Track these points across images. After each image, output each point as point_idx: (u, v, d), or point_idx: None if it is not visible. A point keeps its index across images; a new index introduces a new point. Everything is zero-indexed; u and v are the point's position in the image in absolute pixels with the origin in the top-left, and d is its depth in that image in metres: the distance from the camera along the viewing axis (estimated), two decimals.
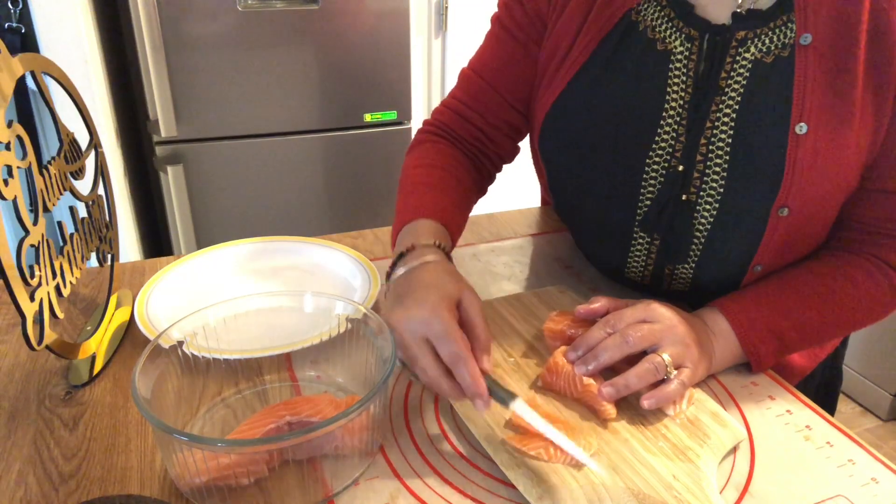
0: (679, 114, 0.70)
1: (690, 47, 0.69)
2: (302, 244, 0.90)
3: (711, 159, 0.69)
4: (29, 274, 0.56)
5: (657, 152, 0.71)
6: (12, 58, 0.57)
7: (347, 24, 1.94)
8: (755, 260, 0.72)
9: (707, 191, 0.70)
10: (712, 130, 0.68)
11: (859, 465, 0.58)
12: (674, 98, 0.70)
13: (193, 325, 0.61)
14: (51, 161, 0.65)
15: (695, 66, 0.69)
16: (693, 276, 0.76)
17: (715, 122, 0.68)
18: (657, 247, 0.76)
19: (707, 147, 0.69)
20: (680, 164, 0.70)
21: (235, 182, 2.01)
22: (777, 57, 0.66)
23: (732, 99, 0.67)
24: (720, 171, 0.68)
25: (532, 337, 0.72)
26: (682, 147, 0.70)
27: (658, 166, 0.71)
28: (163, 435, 0.49)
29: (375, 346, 0.61)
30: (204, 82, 1.86)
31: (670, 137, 0.70)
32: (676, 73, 0.69)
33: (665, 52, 0.70)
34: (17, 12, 1.56)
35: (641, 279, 0.80)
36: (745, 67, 0.67)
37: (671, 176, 0.71)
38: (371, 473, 0.56)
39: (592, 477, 0.54)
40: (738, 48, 0.67)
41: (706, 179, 0.69)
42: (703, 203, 0.70)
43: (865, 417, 2.11)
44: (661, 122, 0.70)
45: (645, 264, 0.78)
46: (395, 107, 2.10)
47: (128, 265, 0.89)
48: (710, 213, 0.71)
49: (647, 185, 0.73)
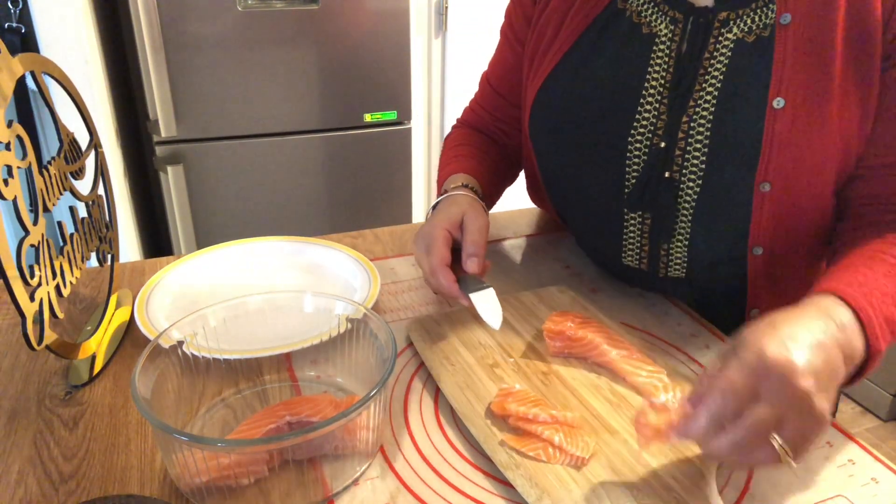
0: (660, 92, 0.72)
1: (674, 29, 0.72)
2: (302, 244, 0.90)
3: (693, 136, 0.71)
4: (29, 274, 0.56)
5: (639, 130, 0.73)
6: (12, 58, 0.57)
7: (347, 24, 1.94)
8: (751, 240, 0.73)
9: (689, 167, 0.71)
10: (694, 108, 0.70)
11: (859, 465, 0.58)
12: (654, 77, 0.72)
13: (193, 325, 0.62)
14: (51, 161, 0.65)
15: (677, 47, 0.72)
16: (689, 257, 0.77)
17: (698, 100, 0.70)
18: (648, 225, 0.77)
19: (689, 124, 0.71)
20: (662, 140, 0.72)
21: (235, 182, 2.01)
22: (758, 37, 0.68)
23: (715, 77, 0.70)
24: (701, 148, 0.70)
25: (532, 337, 0.72)
26: (663, 124, 0.72)
27: (641, 144, 0.73)
28: (163, 435, 0.49)
29: (375, 346, 0.61)
30: (204, 82, 1.86)
31: (651, 115, 0.72)
32: (659, 53, 0.72)
33: (650, 34, 0.73)
34: (17, 12, 1.56)
35: (639, 263, 0.81)
36: (727, 47, 0.69)
37: (653, 152, 0.73)
38: (371, 473, 0.56)
39: (591, 477, 0.54)
40: (720, 28, 0.70)
41: (688, 157, 0.71)
42: (687, 180, 0.72)
43: (865, 417, 2.11)
44: (642, 101, 0.73)
45: (640, 245, 0.79)
46: (395, 107, 2.10)
47: (128, 265, 0.89)
48: (693, 190, 0.72)
49: (632, 164, 0.75)
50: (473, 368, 0.67)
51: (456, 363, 0.67)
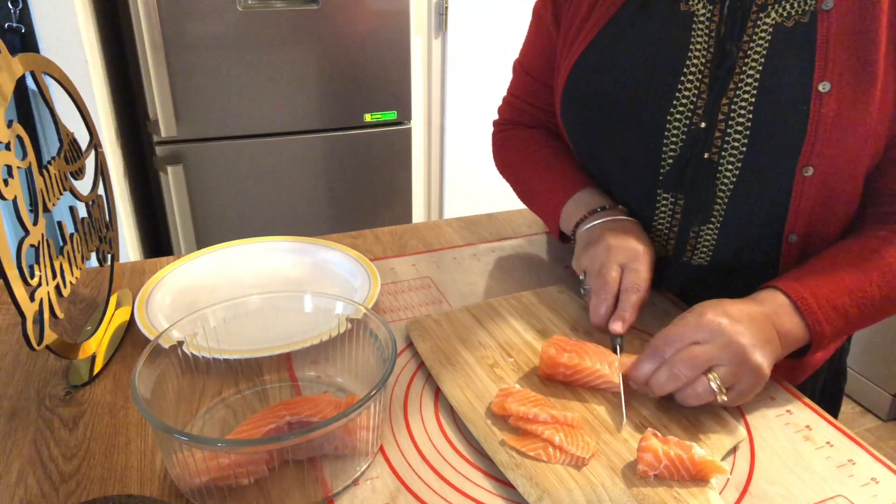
0: (700, 71, 0.71)
1: (712, 9, 0.71)
2: (302, 244, 0.90)
3: (734, 118, 0.70)
4: (29, 274, 0.56)
5: (678, 109, 0.73)
6: (12, 58, 0.57)
7: (347, 24, 1.94)
8: (788, 227, 0.72)
9: (729, 150, 0.71)
10: (735, 91, 0.70)
11: (859, 465, 0.58)
12: (695, 56, 0.72)
13: (193, 325, 0.61)
14: (51, 161, 0.65)
15: (716, 28, 0.71)
16: (718, 240, 0.76)
17: (738, 83, 0.70)
18: (681, 207, 0.76)
19: (729, 106, 0.70)
20: (702, 121, 0.71)
21: (235, 182, 2.01)
22: (797, 22, 0.68)
23: (755, 61, 0.69)
24: (742, 130, 0.70)
25: (532, 337, 0.72)
26: (703, 104, 0.71)
27: (680, 123, 0.73)
28: (163, 435, 0.49)
29: (375, 346, 0.61)
30: (204, 82, 1.86)
31: (692, 94, 0.72)
32: (699, 33, 0.72)
33: (687, 13, 0.72)
34: (17, 12, 1.56)
35: (666, 244, 0.80)
36: (766, 31, 0.69)
37: (693, 133, 0.72)
38: (371, 473, 0.56)
39: (592, 477, 0.54)
40: (758, 13, 0.69)
41: (727, 139, 0.71)
42: (726, 162, 0.71)
43: (865, 417, 2.11)
44: (682, 80, 0.72)
45: (670, 226, 0.78)
46: (395, 107, 2.10)
47: (128, 265, 0.89)
48: (732, 173, 0.71)
49: (670, 144, 0.74)
50: (473, 368, 0.67)
51: (456, 363, 0.67)
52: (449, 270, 0.89)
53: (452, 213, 2.59)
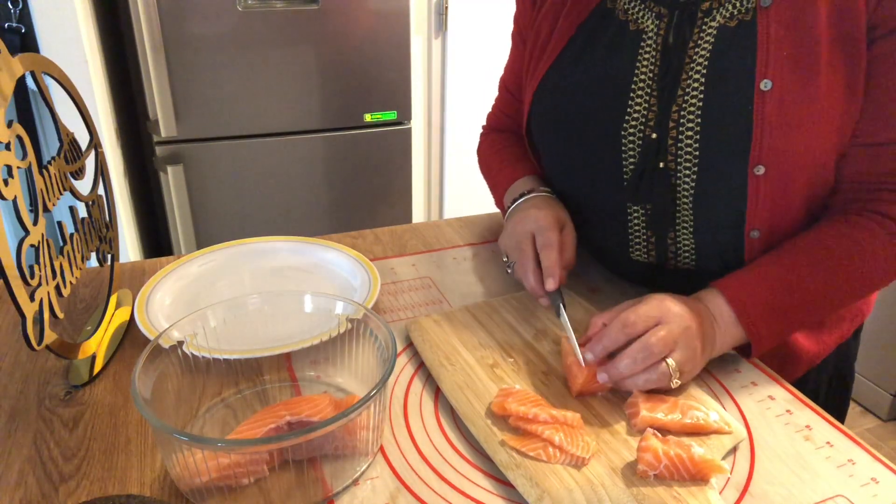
0: (649, 84, 0.73)
1: (660, 24, 0.73)
2: (302, 244, 0.90)
3: (684, 125, 0.71)
4: (29, 274, 0.56)
5: (631, 123, 0.74)
6: (12, 58, 0.57)
7: (347, 24, 1.94)
8: (748, 224, 0.73)
9: (683, 157, 0.72)
10: (683, 98, 0.71)
11: (859, 465, 0.58)
12: (643, 70, 0.74)
13: (193, 325, 0.61)
14: (51, 161, 0.65)
15: (663, 40, 0.73)
16: (697, 245, 0.77)
17: (686, 89, 0.71)
18: (651, 217, 0.78)
19: (679, 114, 0.72)
20: (653, 132, 0.73)
21: (235, 182, 2.01)
22: (740, 21, 0.69)
23: (700, 65, 0.70)
24: (693, 136, 0.71)
25: (532, 337, 0.72)
26: (654, 115, 0.73)
27: (634, 137, 0.74)
28: (163, 435, 0.49)
29: (375, 346, 0.61)
30: (204, 82, 1.86)
31: (642, 108, 0.74)
32: (646, 47, 0.74)
33: (637, 31, 0.75)
34: (17, 12, 1.56)
35: (647, 256, 0.81)
36: (711, 34, 0.70)
37: (646, 143, 0.74)
38: (371, 473, 0.56)
39: (592, 477, 0.54)
40: (703, 18, 0.71)
41: (680, 146, 0.72)
42: (683, 169, 0.73)
43: (865, 417, 2.11)
44: (632, 95, 0.74)
45: (647, 235, 0.79)
46: (395, 107, 2.10)
47: (128, 265, 0.89)
48: (690, 178, 0.73)
49: (628, 156, 0.76)
50: (473, 368, 0.67)
51: (456, 363, 0.67)
52: (449, 270, 0.89)
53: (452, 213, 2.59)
